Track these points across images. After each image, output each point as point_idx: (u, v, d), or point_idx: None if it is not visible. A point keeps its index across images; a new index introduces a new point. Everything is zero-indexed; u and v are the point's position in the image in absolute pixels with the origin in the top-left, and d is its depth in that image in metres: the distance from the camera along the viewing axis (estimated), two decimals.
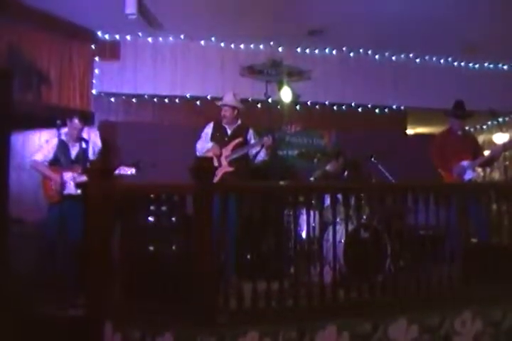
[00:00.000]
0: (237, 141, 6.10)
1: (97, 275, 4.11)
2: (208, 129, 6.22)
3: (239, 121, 6.23)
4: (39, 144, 6.29)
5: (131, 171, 5.76)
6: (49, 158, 5.81)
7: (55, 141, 5.74)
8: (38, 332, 4.08)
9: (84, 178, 5.04)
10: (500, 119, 9.15)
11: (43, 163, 5.82)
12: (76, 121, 5.84)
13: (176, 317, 3.78)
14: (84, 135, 6.00)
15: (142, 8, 6.56)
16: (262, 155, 6.05)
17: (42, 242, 5.61)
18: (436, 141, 6.55)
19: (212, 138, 6.15)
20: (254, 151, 6.09)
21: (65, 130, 5.79)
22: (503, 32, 7.63)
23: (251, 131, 6.23)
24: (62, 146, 5.80)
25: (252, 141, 6.16)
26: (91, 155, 5.92)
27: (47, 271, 5.21)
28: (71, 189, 5.56)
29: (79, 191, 5.02)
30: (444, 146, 6.33)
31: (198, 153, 6.09)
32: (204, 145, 6.11)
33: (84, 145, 5.70)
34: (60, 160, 5.78)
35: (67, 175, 5.66)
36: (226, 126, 6.20)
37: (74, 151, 5.88)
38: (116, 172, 5.60)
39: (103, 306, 4.05)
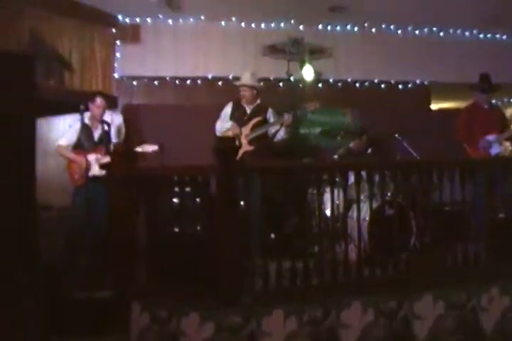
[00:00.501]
0: (256, 120, 6.10)
1: (123, 257, 4.17)
2: (227, 109, 6.23)
3: (258, 101, 6.23)
4: (63, 129, 6.34)
5: (153, 148, 5.80)
6: (73, 142, 5.89)
7: (78, 125, 5.80)
8: (68, 313, 4.17)
9: (108, 159, 5.10)
10: None
11: (67, 147, 5.90)
12: (98, 99, 5.91)
13: (201, 297, 3.83)
14: (107, 118, 6.04)
15: None
16: (281, 134, 6.05)
17: (70, 227, 5.71)
18: (462, 115, 6.48)
19: (232, 117, 6.17)
20: (273, 130, 6.09)
21: (87, 114, 5.85)
22: None
23: (270, 110, 6.22)
24: (85, 130, 5.87)
25: (272, 120, 6.16)
26: (114, 137, 5.97)
27: (75, 255, 5.31)
28: (96, 170, 5.64)
29: (103, 172, 5.09)
30: (470, 121, 6.25)
31: (217, 133, 6.11)
32: (223, 124, 6.11)
33: (106, 127, 5.75)
34: (83, 143, 5.86)
35: (91, 157, 5.75)
36: (245, 106, 6.20)
37: (97, 134, 5.95)
38: (139, 150, 5.69)
39: (130, 287, 4.12)
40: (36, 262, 3.32)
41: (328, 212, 5.39)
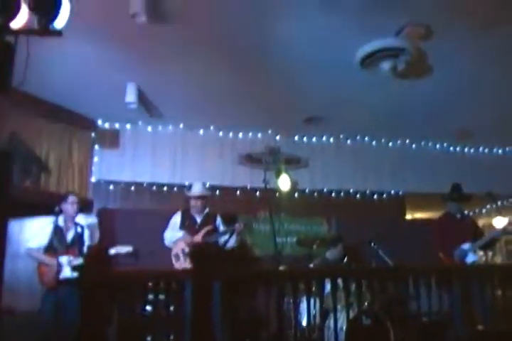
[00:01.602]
0: (207, 228, 6.18)
1: None
2: (177, 218, 6.35)
3: (207, 209, 6.33)
4: (35, 231, 6.23)
5: (126, 250, 5.70)
6: (43, 245, 5.77)
7: (50, 227, 5.73)
8: None
9: (80, 261, 4.99)
10: (499, 203, 9.17)
11: (38, 250, 5.77)
12: (70, 197, 5.89)
13: None
14: (81, 221, 5.99)
15: (142, 96, 6.74)
16: (231, 242, 6.15)
17: (36, 332, 5.43)
18: (436, 224, 6.54)
19: (182, 226, 6.23)
20: (223, 239, 6.17)
21: (61, 216, 5.80)
22: (495, 118, 7.82)
23: (219, 219, 6.42)
24: (58, 231, 5.79)
25: (221, 228, 6.24)
26: (87, 240, 5.87)
27: None
28: (67, 273, 5.49)
29: (75, 274, 4.95)
30: (444, 230, 6.30)
31: (166, 242, 6.26)
32: (174, 233, 6.20)
33: (79, 229, 5.67)
34: (55, 245, 5.75)
35: (63, 259, 5.61)
36: (195, 214, 6.31)
37: (69, 235, 5.86)
38: (113, 251, 5.59)
39: None
40: None
41: (304, 322, 5.25)
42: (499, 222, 9.00)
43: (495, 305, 5.06)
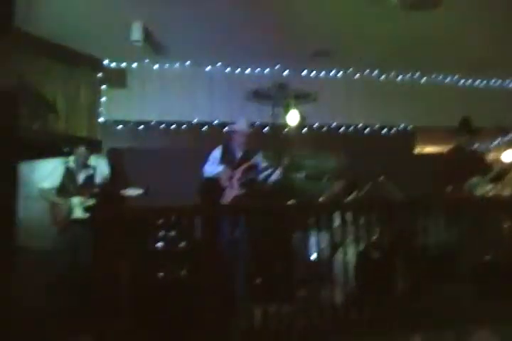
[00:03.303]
0: (247, 164, 6.11)
1: (106, 304, 4.05)
2: (217, 152, 6.22)
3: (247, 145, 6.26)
4: (46, 172, 6.29)
5: (137, 192, 5.75)
6: (56, 185, 5.83)
7: (61, 169, 5.76)
8: None
9: (92, 202, 5.05)
10: (509, 136, 9.12)
11: (51, 191, 5.84)
12: (83, 149, 5.89)
13: None
14: (92, 162, 6.02)
15: (148, 35, 6.63)
16: (275, 176, 6.07)
17: (51, 270, 5.57)
18: (445, 158, 6.52)
19: (223, 161, 6.16)
20: (264, 174, 6.11)
21: (71, 158, 5.82)
22: (508, 49, 7.64)
23: (260, 154, 6.26)
24: (69, 173, 5.83)
25: (262, 164, 6.19)
26: (98, 181, 5.93)
27: (56, 300, 5.16)
28: (79, 214, 5.57)
29: (87, 215, 5.02)
30: (454, 164, 6.28)
31: (206, 177, 6.09)
32: (214, 168, 6.09)
33: (91, 171, 5.72)
34: (66, 186, 5.79)
35: (75, 200, 5.68)
36: (236, 149, 6.21)
37: (81, 177, 5.90)
38: (124, 193, 5.64)
39: (112, 336, 3.99)
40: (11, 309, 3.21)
41: (313, 256, 5.34)
42: (508, 156, 8.99)
43: (503, 236, 5.12)
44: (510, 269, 4.76)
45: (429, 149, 10.88)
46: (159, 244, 4.56)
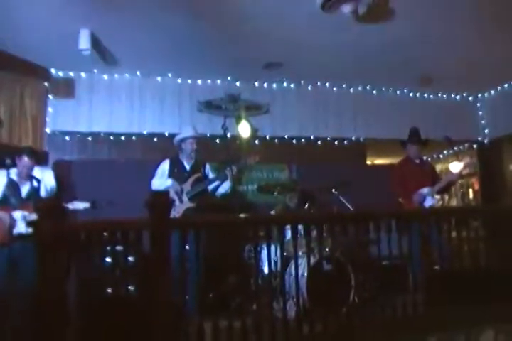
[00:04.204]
0: (196, 176, 6.05)
1: (52, 324, 3.88)
2: (165, 165, 6.15)
3: (195, 157, 6.20)
4: None
5: (84, 206, 5.58)
6: None
7: (3, 181, 5.52)
8: None
9: (35, 216, 4.84)
10: (456, 148, 9.31)
11: None
12: (25, 158, 5.65)
13: None
14: (37, 174, 5.81)
15: (96, 43, 6.48)
16: (225, 188, 6.03)
17: None
18: (396, 169, 6.60)
19: (171, 174, 6.08)
20: (213, 185, 6.05)
21: (14, 169, 5.59)
22: (454, 64, 7.81)
23: (208, 166, 6.23)
24: (12, 185, 5.57)
25: (211, 175, 6.14)
26: (43, 194, 5.72)
27: None
28: (22, 228, 5.35)
29: (30, 230, 4.83)
30: (404, 174, 6.36)
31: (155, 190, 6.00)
32: (162, 181, 6.01)
33: (35, 183, 5.51)
34: (9, 199, 5.55)
35: (18, 214, 5.45)
36: (184, 162, 6.15)
37: (25, 190, 5.67)
38: (70, 207, 5.46)
39: None
40: None
41: (266, 269, 5.29)
42: (455, 167, 9.16)
43: (450, 246, 5.17)
44: (459, 278, 4.80)
45: (380, 161, 11.02)
46: (107, 259, 4.41)
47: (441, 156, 10.24)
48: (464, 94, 9.72)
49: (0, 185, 5.56)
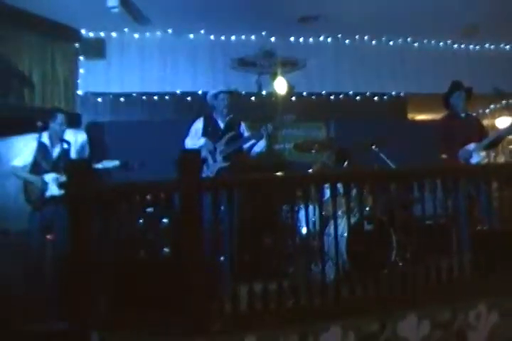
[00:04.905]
0: (231, 134, 5.86)
1: (81, 283, 3.83)
2: (199, 124, 5.97)
3: (230, 115, 5.98)
4: (19, 149, 6.00)
5: (114, 164, 5.50)
6: (29, 162, 5.53)
7: (34, 144, 5.46)
8: None
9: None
10: (504, 102, 8.91)
11: (24, 168, 5.54)
12: (59, 116, 5.59)
13: (167, 325, 3.50)
14: (69, 136, 5.73)
15: (125, 0, 6.30)
16: (260, 146, 5.85)
17: (28, 252, 5.33)
18: (440, 124, 6.28)
19: (205, 133, 5.90)
20: (249, 144, 5.86)
21: (46, 132, 5.52)
22: (502, 12, 7.41)
23: (243, 124, 6.02)
24: (42, 149, 5.53)
25: (246, 134, 5.94)
26: (74, 156, 5.65)
27: (33, 283, 4.93)
28: (54, 190, 5.33)
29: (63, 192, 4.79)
30: (448, 130, 6.04)
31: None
32: (195, 141, 5.84)
33: (66, 145, 5.44)
34: (40, 163, 5.50)
35: (49, 177, 5.41)
36: (218, 120, 5.96)
37: (55, 153, 5.61)
38: (99, 166, 5.39)
39: (88, 316, 3.77)
40: None
41: (304, 230, 5.14)
42: (502, 122, 8.79)
43: (499, 206, 4.91)
44: (504, 237, 4.55)
45: (422, 117, 10.66)
46: (139, 221, 4.32)
47: (487, 111, 9.83)
48: None
49: (30, 149, 5.52)
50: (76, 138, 5.96)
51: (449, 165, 5.86)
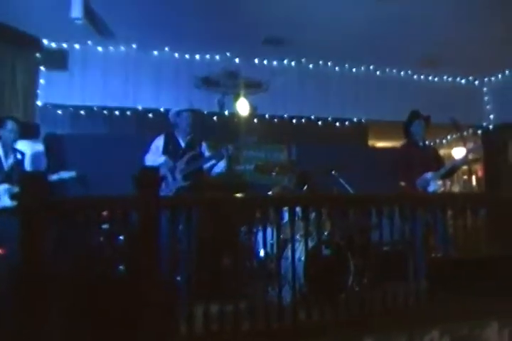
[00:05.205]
0: (191, 153, 5.79)
1: (36, 303, 3.68)
2: (159, 142, 5.88)
3: (191, 133, 5.93)
4: None
5: (70, 175, 5.39)
6: None
7: None
8: None
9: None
10: (459, 133, 9.07)
11: None
12: (9, 123, 5.44)
13: None
14: (26, 147, 5.59)
15: (90, 12, 6.20)
16: (220, 167, 5.78)
17: None
18: (399, 152, 6.36)
19: (165, 151, 5.81)
20: (209, 164, 5.80)
21: None
22: (460, 46, 7.58)
23: (204, 144, 5.95)
24: None
25: (206, 154, 5.88)
26: (29, 167, 5.50)
27: None
28: (6, 202, 5.17)
29: (15, 203, 4.64)
30: (407, 158, 6.12)
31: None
32: (156, 158, 5.75)
33: (19, 156, 5.30)
34: None
35: (1, 188, 5.25)
36: (179, 138, 5.88)
37: (8, 163, 5.45)
38: (55, 177, 5.27)
39: (42, 335, 3.62)
40: None
41: (261, 252, 5.09)
42: (458, 152, 8.97)
43: (454, 234, 4.97)
44: (460, 265, 4.60)
45: (382, 143, 10.79)
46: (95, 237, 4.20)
47: (444, 142, 10.03)
48: (470, 78, 9.50)
49: None
50: (32, 149, 5.82)
51: (407, 192, 5.92)
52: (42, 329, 3.65)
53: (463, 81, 9.50)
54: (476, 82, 9.56)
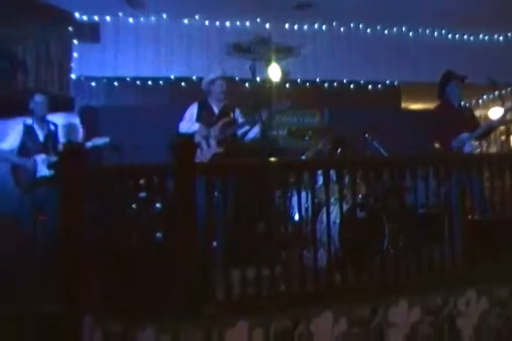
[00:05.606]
0: (225, 120, 5.83)
1: (74, 266, 3.82)
2: (193, 109, 5.93)
3: (225, 100, 5.96)
4: (5, 132, 5.96)
5: (104, 140, 5.50)
6: (16, 145, 5.51)
7: (20, 127, 5.48)
8: (12, 331, 3.81)
9: (55, 159, 4.81)
10: (497, 92, 8.91)
11: (12, 152, 5.52)
12: (37, 97, 5.57)
13: (158, 309, 3.50)
14: (59, 119, 5.72)
15: None
16: (254, 133, 5.81)
17: (18, 234, 5.31)
18: (434, 113, 6.29)
19: (199, 118, 5.87)
20: (243, 130, 5.84)
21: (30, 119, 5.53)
22: (497, 1, 7.37)
23: (237, 110, 5.99)
24: (28, 131, 5.54)
25: (240, 120, 5.91)
26: (61, 138, 5.64)
27: (23, 265, 4.91)
28: (44, 171, 5.34)
29: (52, 172, 4.77)
30: (442, 119, 6.04)
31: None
32: (189, 125, 5.81)
33: (52, 127, 5.44)
34: (28, 145, 5.50)
35: (39, 158, 5.41)
36: (213, 106, 5.93)
37: (41, 134, 5.60)
38: (90, 144, 5.40)
39: (81, 299, 3.77)
40: None
41: (296, 216, 5.14)
42: (496, 112, 8.80)
43: (490, 195, 4.94)
44: (497, 228, 4.59)
45: (415, 106, 10.66)
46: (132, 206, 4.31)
47: (480, 101, 9.84)
48: (509, 35, 9.22)
49: (17, 132, 5.51)
50: (65, 121, 5.96)
51: (442, 153, 5.87)
52: (82, 294, 3.81)
53: (500, 38, 9.26)
54: None
